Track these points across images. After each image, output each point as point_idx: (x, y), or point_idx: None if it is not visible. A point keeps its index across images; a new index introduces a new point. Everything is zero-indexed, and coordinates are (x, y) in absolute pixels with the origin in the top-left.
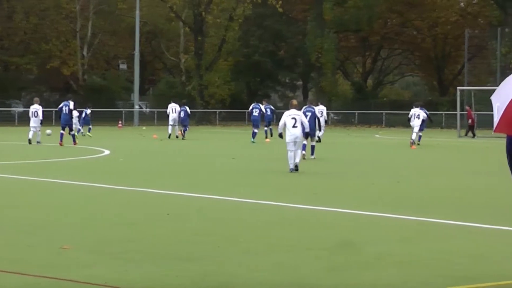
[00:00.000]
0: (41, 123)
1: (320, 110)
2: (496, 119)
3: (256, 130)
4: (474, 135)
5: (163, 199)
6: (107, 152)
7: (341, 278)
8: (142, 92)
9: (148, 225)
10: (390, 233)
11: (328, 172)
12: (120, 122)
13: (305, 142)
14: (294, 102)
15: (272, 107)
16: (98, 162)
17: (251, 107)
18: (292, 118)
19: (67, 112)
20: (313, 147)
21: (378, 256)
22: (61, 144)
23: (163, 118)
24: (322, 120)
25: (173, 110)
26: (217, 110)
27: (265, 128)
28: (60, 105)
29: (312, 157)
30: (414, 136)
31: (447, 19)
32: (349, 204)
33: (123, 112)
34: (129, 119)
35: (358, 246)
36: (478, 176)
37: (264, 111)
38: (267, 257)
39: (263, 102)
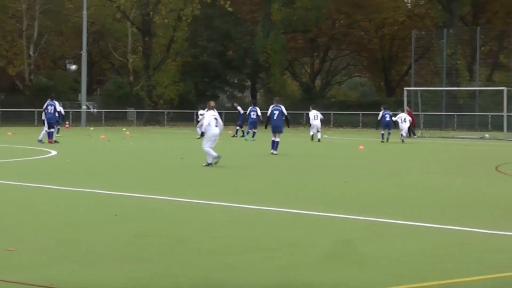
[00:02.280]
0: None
1: (315, 114)
2: None
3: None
4: (413, 134)
5: (112, 200)
6: (54, 152)
7: (291, 278)
8: (90, 93)
9: (96, 226)
10: (340, 233)
11: (278, 173)
12: (67, 122)
13: (277, 139)
14: (212, 103)
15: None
16: (45, 163)
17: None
18: (215, 118)
19: (52, 111)
20: (277, 143)
21: (328, 256)
22: (51, 142)
23: (111, 118)
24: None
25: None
26: (165, 111)
27: (237, 128)
28: (45, 105)
29: (275, 152)
30: (404, 134)
31: (394, 20)
32: (300, 205)
33: (70, 112)
34: (76, 120)
35: (308, 246)
36: (425, 176)
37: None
38: (218, 258)
39: (235, 104)
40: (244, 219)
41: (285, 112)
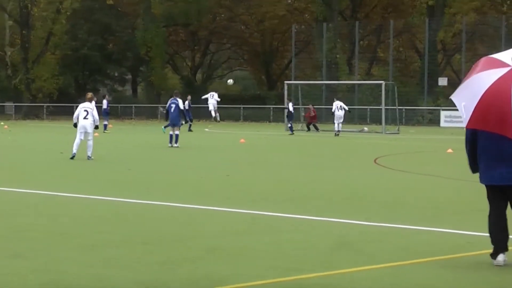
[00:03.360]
0: None
1: (339, 104)
2: (466, 116)
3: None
4: (316, 129)
5: None
6: None
7: (174, 272)
8: None
9: None
10: (223, 227)
11: (160, 166)
12: None
13: (176, 132)
14: (89, 95)
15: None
16: None
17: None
18: (85, 110)
19: None
20: (177, 136)
21: (210, 250)
22: None
23: None
24: (342, 113)
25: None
26: (45, 104)
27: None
28: None
29: (176, 145)
30: (337, 126)
31: (274, 14)
32: (181, 198)
33: None
34: None
35: (190, 240)
36: (305, 169)
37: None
38: (100, 253)
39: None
40: (125, 214)
41: (181, 106)
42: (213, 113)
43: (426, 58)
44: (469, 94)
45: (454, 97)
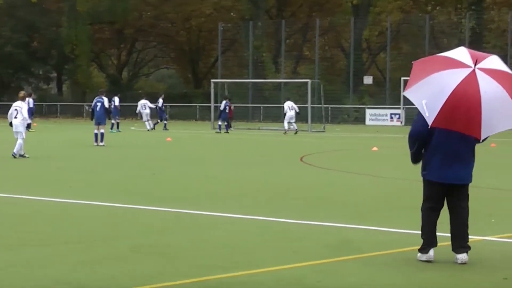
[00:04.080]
0: None
1: (290, 104)
2: (430, 115)
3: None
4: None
5: None
6: None
7: (97, 271)
8: None
9: None
10: (147, 225)
11: (85, 165)
12: None
13: (101, 130)
14: (21, 94)
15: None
16: None
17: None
18: (15, 109)
19: None
20: (102, 134)
21: (134, 249)
22: None
23: None
24: (293, 112)
25: (143, 106)
26: None
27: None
28: None
29: (102, 143)
30: (286, 126)
31: (201, 13)
32: (104, 197)
33: None
34: None
35: (115, 239)
36: (231, 167)
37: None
38: (21, 252)
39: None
40: (47, 213)
41: (106, 104)
42: (148, 122)
43: (352, 56)
44: (431, 92)
45: (409, 94)
